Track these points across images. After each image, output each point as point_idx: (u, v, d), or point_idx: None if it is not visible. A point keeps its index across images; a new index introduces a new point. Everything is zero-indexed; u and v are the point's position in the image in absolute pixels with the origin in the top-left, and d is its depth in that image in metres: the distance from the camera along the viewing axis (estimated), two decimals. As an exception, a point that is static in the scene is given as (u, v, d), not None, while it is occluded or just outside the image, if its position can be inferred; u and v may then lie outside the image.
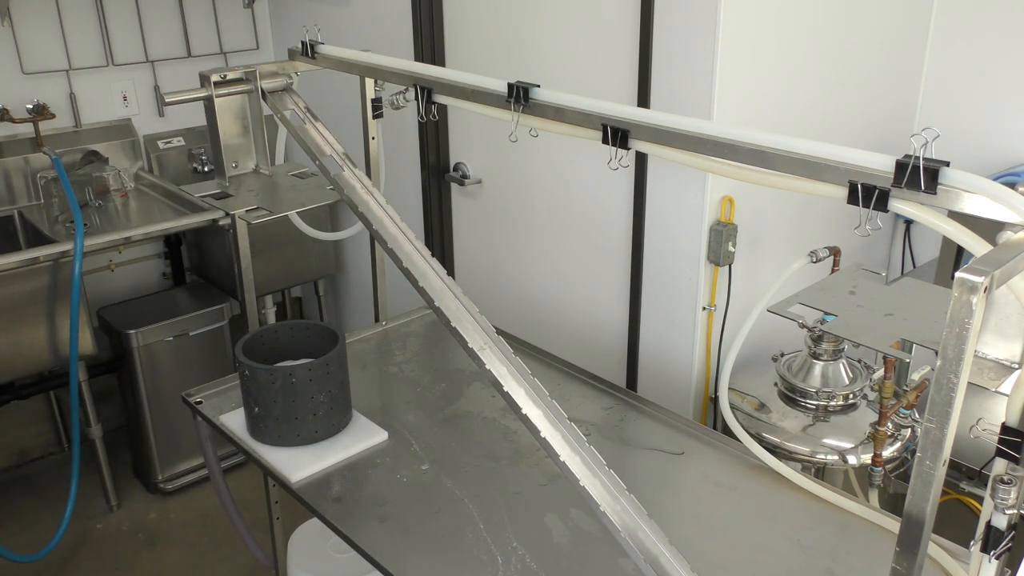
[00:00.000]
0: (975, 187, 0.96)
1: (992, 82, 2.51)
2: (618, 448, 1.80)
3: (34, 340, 2.60)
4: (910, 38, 2.58)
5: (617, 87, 2.22)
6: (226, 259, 2.79)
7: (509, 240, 2.75)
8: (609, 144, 1.32)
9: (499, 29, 2.54)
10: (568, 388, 1.98)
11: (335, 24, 3.09)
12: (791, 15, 2.16)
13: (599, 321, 2.53)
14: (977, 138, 2.52)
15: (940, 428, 0.91)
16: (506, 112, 1.46)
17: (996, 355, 2.07)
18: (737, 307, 2.27)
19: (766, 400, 2.05)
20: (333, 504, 1.60)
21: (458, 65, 2.69)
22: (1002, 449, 0.98)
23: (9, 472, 3.17)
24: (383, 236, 1.66)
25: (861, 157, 1.06)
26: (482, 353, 1.46)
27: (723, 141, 1.18)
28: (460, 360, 2.16)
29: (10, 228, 3.06)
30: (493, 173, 2.75)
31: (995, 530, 1.01)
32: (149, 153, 3.38)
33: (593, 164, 2.37)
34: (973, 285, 0.84)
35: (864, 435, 1.89)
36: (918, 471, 0.94)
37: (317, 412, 1.72)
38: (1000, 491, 0.98)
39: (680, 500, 1.68)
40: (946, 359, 0.88)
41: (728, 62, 2.03)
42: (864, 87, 2.47)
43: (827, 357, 1.97)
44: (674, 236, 2.26)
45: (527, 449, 1.74)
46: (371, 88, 1.96)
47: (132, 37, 3.27)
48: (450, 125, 2.84)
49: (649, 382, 2.45)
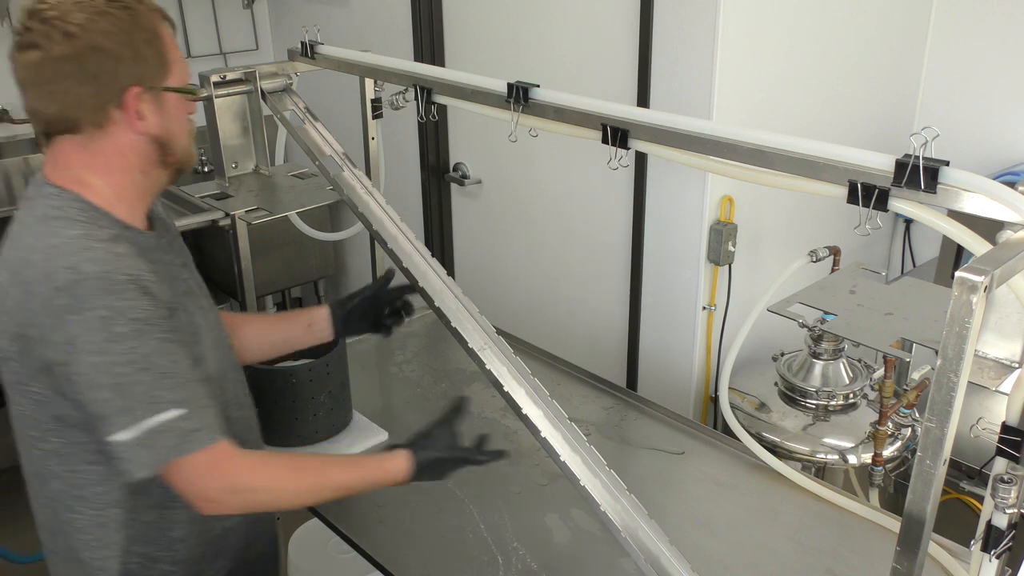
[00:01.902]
0: (975, 186, 0.96)
1: (992, 81, 2.51)
2: (618, 448, 1.80)
3: (34, 341, 2.60)
4: (909, 37, 2.58)
5: (617, 87, 2.22)
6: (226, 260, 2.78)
7: (509, 240, 2.75)
8: (609, 144, 1.32)
9: (499, 29, 2.54)
10: (568, 388, 1.98)
11: (335, 24, 3.09)
12: (791, 15, 2.16)
13: (599, 321, 2.52)
14: (977, 137, 2.52)
15: (940, 427, 0.91)
16: (506, 112, 1.46)
17: (996, 354, 2.07)
18: (737, 307, 2.27)
19: (766, 400, 2.05)
20: (333, 505, 1.60)
21: (458, 65, 2.68)
22: (1002, 448, 0.98)
23: (9, 472, 3.16)
24: (383, 236, 1.66)
25: (861, 156, 1.06)
26: (482, 353, 1.46)
27: (723, 141, 1.18)
28: (460, 360, 2.15)
29: (10, 229, 3.06)
30: (493, 173, 2.75)
31: (995, 529, 1.01)
32: (149, 154, 3.38)
33: (593, 164, 2.37)
34: (973, 284, 0.84)
35: (864, 434, 1.89)
36: (918, 470, 0.94)
37: (317, 412, 1.72)
38: (1000, 490, 0.98)
39: (681, 500, 1.68)
40: (946, 358, 0.88)
41: (728, 62, 2.03)
42: (864, 86, 2.47)
43: (827, 356, 1.97)
44: (674, 236, 2.26)
45: (527, 449, 1.74)
46: (371, 88, 1.96)
47: (132, 38, 3.27)
48: (450, 125, 2.84)
49: (649, 382, 2.45)
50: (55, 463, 1.22)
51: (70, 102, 1.15)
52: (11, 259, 1.15)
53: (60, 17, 1.11)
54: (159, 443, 1.11)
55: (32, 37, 1.12)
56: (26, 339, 1.12)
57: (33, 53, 1.12)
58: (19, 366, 1.16)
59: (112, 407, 1.10)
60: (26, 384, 1.17)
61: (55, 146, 1.19)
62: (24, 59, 1.13)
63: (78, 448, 1.19)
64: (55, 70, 1.12)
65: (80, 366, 1.09)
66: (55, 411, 1.17)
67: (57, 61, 1.12)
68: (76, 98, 1.14)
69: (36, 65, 1.12)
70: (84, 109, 1.15)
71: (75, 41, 1.11)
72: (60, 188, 1.18)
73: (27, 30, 1.12)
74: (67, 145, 1.18)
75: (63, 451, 1.20)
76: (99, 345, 1.08)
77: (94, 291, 1.09)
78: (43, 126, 1.18)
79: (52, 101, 1.15)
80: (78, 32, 1.11)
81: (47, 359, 1.11)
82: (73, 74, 1.13)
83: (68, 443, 1.20)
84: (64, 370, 1.10)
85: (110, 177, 1.20)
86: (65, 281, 1.09)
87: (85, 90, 1.14)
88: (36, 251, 1.12)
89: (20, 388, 1.18)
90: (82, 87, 1.14)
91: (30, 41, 1.12)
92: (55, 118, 1.16)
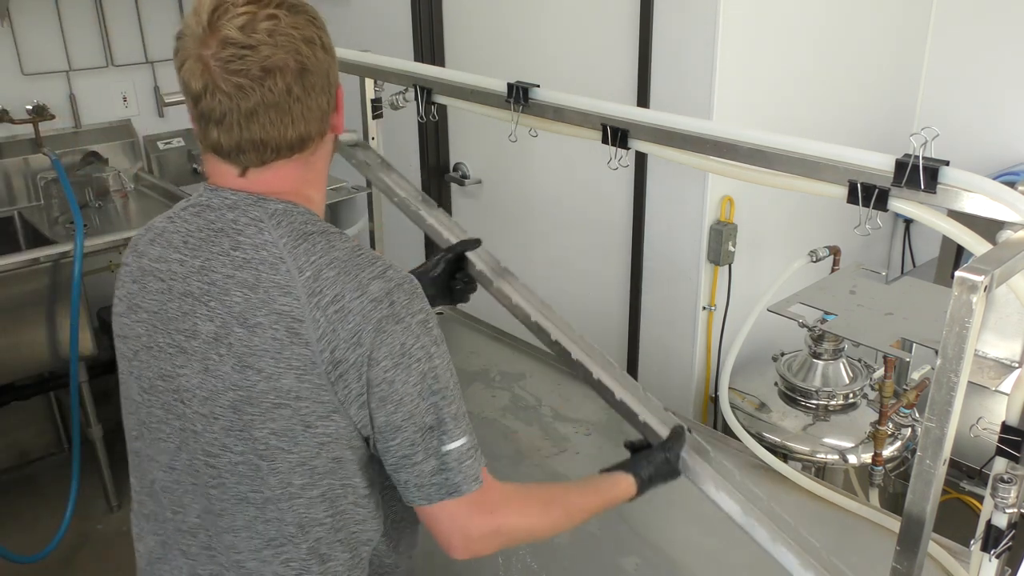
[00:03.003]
0: (975, 186, 0.96)
1: (992, 81, 2.51)
2: (619, 448, 1.80)
3: (34, 341, 2.60)
4: (909, 37, 2.58)
5: (617, 87, 2.22)
6: (226, 260, 2.79)
7: (509, 240, 2.75)
8: (609, 144, 1.32)
9: (499, 29, 2.54)
10: (568, 388, 1.98)
11: (335, 24, 3.07)
12: (791, 15, 2.16)
13: (599, 321, 2.52)
14: (977, 137, 2.52)
15: (940, 427, 0.91)
16: (506, 112, 1.46)
17: (996, 354, 2.06)
18: (737, 307, 2.27)
19: (766, 400, 2.05)
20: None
21: (458, 65, 2.68)
22: (1002, 448, 0.98)
23: (9, 473, 3.17)
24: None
25: (861, 156, 1.06)
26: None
27: (723, 141, 1.18)
28: (461, 360, 2.16)
29: (10, 229, 3.05)
30: (493, 173, 2.75)
31: (995, 529, 1.01)
32: (149, 154, 3.38)
33: (593, 164, 2.37)
34: (973, 284, 0.84)
35: (864, 434, 1.89)
36: (918, 470, 0.94)
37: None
38: (1000, 490, 0.98)
39: (681, 500, 1.68)
40: (946, 358, 0.88)
41: (728, 62, 2.03)
42: (864, 86, 2.47)
43: (827, 356, 1.97)
44: (674, 236, 2.26)
45: (527, 449, 1.74)
46: (371, 88, 1.96)
47: (132, 38, 3.27)
48: (450, 125, 2.84)
49: (649, 382, 2.45)
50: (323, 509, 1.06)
51: (313, 118, 1.02)
52: (284, 286, 0.99)
53: (282, 29, 0.97)
54: (475, 457, 1.04)
55: (262, 55, 0.96)
56: (338, 365, 0.98)
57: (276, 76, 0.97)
58: (311, 405, 1.00)
59: (448, 413, 1.02)
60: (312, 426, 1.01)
61: (267, 172, 1.03)
62: (267, 83, 0.96)
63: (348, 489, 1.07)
64: (305, 86, 0.99)
65: (411, 375, 0.99)
66: (337, 452, 1.03)
67: (304, 75, 0.99)
68: (319, 113, 1.02)
69: (286, 88, 0.98)
70: (322, 122, 1.04)
71: (314, 48, 1.00)
72: (292, 203, 1.04)
73: (248, 49, 0.95)
74: (288, 168, 1.03)
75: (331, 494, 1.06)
76: (427, 350, 1.00)
77: (409, 296, 1.01)
78: (269, 154, 1.01)
79: (296, 122, 1.00)
80: (315, 37, 1.01)
81: (363, 381, 0.99)
82: (316, 87, 1.01)
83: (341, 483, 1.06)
84: (383, 389, 0.99)
85: (322, 187, 1.09)
86: (380, 291, 0.99)
87: (322, 101, 1.02)
88: (324, 267, 0.99)
89: (303, 432, 1.02)
90: (321, 99, 1.02)
91: (265, 63, 0.96)
92: (294, 141, 1.01)
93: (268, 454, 1.01)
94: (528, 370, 2.05)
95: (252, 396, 0.99)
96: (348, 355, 0.97)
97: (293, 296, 0.98)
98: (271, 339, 0.98)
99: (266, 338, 0.98)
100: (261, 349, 0.98)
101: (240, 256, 1.01)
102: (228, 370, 0.99)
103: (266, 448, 1.01)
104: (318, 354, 0.97)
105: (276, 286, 0.98)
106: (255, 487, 1.03)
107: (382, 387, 0.99)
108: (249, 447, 1.01)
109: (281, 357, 0.98)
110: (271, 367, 0.98)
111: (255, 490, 1.03)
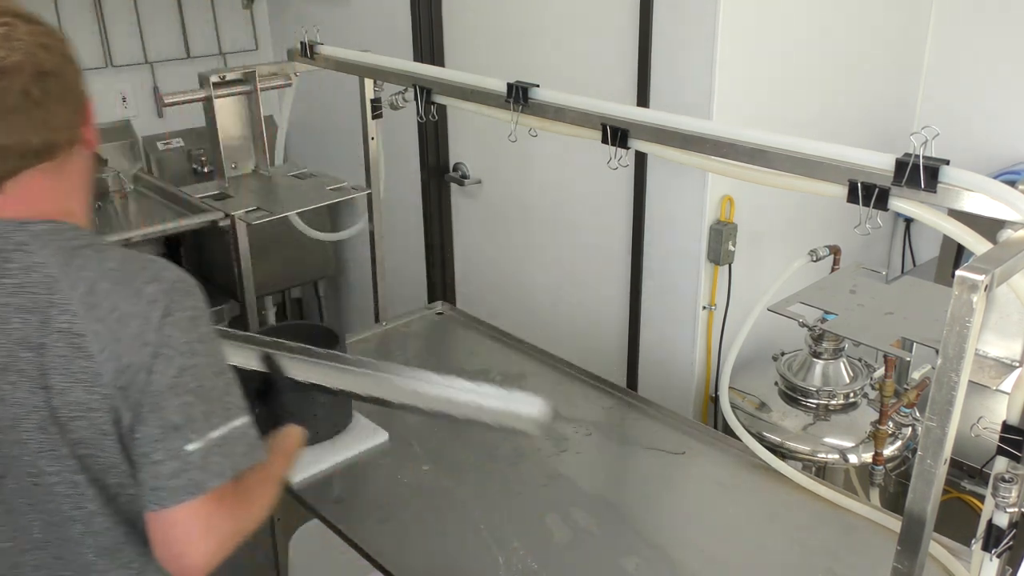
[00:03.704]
0: (975, 185, 0.96)
1: (992, 80, 2.51)
2: (619, 448, 1.80)
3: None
4: (909, 36, 2.57)
5: (617, 87, 2.22)
6: (226, 260, 2.78)
7: (509, 240, 2.75)
8: (609, 143, 1.32)
9: (499, 29, 2.54)
10: (568, 388, 1.98)
11: (334, 24, 3.09)
12: (791, 14, 2.15)
13: (599, 321, 2.52)
14: (977, 136, 2.52)
15: (941, 426, 0.91)
16: (505, 112, 1.46)
17: (997, 353, 2.06)
18: (737, 306, 2.27)
19: (767, 399, 2.05)
20: (334, 505, 1.60)
21: (457, 65, 2.68)
22: (1003, 447, 0.98)
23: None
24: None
25: (861, 156, 1.06)
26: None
27: (723, 140, 1.18)
28: (461, 360, 2.16)
29: (10, 230, 3.05)
30: (493, 173, 2.75)
31: (996, 528, 1.01)
32: (148, 154, 3.37)
33: (593, 164, 2.37)
34: (973, 283, 0.84)
35: (865, 434, 1.89)
36: (919, 470, 0.94)
37: (317, 413, 1.72)
38: (1001, 489, 0.98)
39: (681, 500, 1.68)
40: (947, 357, 0.88)
41: (727, 61, 2.03)
42: (864, 85, 2.47)
43: (827, 356, 1.97)
44: (674, 236, 2.26)
45: (527, 449, 1.74)
46: (370, 88, 1.96)
47: (131, 38, 3.27)
48: (450, 125, 2.84)
49: (649, 382, 2.45)
50: None
51: (57, 125, 1.03)
52: (74, 302, 1.00)
53: (16, 35, 0.99)
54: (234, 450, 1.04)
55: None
56: (126, 370, 0.99)
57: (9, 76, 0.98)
58: (103, 414, 1.01)
59: (195, 412, 1.02)
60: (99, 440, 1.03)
61: (20, 188, 1.03)
62: (1, 84, 0.97)
63: None
64: (44, 90, 1.00)
65: (170, 367, 1.00)
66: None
67: (43, 78, 1.00)
68: (63, 120, 1.04)
69: (23, 90, 0.98)
70: (69, 130, 1.05)
71: (52, 53, 1.01)
72: (54, 221, 1.05)
73: None
74: (39, 180, 1.04)
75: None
76: (191, 347, 1.01)
77: (183, 294, 1.03)
78: (13, 161, 1.02)
79: (39, 128, 1.01)
80: (53, 44, 1.01)
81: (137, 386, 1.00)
82: (56, 93, 1.01)
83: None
84: (143, 390, 1.00)
85: (84, 201, 1.11)
86: (156, 292, 1.01)
87: (66, 109, 1.04)
88: (98, 279, 1.01)
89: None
90: (63, 106, 1.03)
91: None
92: (39, 147, 1.02)
93: (80, 466, 1.03)
94: (528, 370, 2.05)
95: (52, 414, 1.01)
96: (134, 358, 0.99)
97: (71, 313, 0.99)
98: (57, 356, 0.99)
99: (52, 356, 0.99)
100: (50, 367, 0.99)
101: (11, 283, 1.01)
102: (25, 395, 1.01)
103: (77, 461, 1.03)
104: (102, 364, 0.99)
105: (53, 305, 0.99)
106: (78, 503, 1.05)
107: (141, 375, 1.00)
108: (63, 465, 1.03)
109: (69, 372, 0.99)
110: (61, 383, 1.00)
111: (78, 506, 1.06)
